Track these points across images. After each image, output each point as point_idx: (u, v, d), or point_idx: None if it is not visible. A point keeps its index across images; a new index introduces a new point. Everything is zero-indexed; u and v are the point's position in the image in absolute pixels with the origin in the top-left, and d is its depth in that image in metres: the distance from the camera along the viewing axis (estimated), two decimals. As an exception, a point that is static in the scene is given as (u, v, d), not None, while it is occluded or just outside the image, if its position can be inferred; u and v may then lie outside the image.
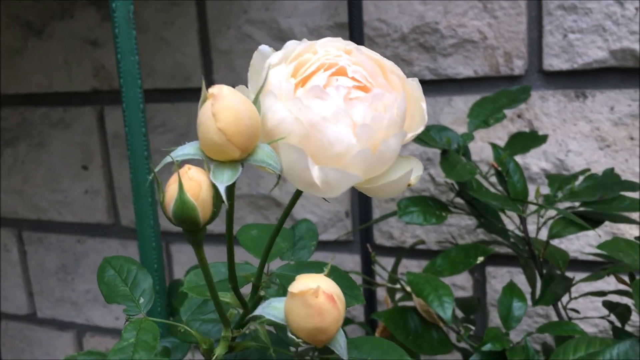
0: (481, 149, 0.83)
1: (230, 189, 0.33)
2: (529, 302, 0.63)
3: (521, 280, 0.79)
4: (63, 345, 1.19)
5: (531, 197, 0.69)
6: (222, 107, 0.32)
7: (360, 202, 0.84)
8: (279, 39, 0.90)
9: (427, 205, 0.60)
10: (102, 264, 0.42)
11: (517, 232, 0.68)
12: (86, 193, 1.09)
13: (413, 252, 0.88)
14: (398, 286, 0.61)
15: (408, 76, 0.37)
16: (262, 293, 0.38)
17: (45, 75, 1.07)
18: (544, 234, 0.68)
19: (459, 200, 0.67)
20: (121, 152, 1.06)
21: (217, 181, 0.32)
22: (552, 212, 0.65)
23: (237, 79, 0.94)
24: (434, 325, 0.61)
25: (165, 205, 0.34)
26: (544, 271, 0.66)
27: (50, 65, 1.07)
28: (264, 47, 0.37)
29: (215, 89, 0.32)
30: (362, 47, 0.36)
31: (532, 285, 0.69)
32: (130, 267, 0.43)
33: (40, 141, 1.11)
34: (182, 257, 1.07)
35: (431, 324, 0.61)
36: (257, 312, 0.36)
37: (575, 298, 0.67)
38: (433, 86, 0.85)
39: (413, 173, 0.35)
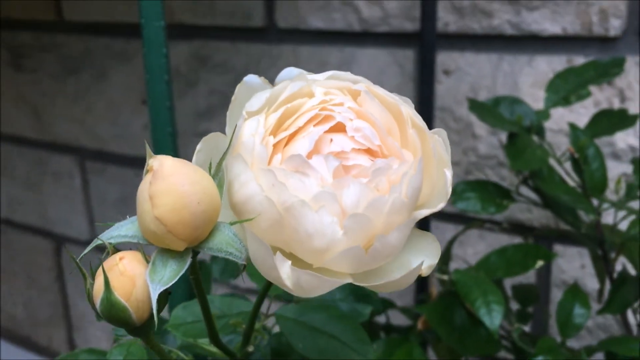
0: (561, 116, 0.74)
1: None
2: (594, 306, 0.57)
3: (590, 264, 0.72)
4: (121, 273, 1.21)
5: (612, 183, 0.61)
6: (161, 190, 0.25)
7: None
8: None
9: (486, 192, 0.54)
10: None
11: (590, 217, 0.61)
12: (145, 128, 1.07)
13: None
14: (446, 277, 0.56)
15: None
16: (250, 349, 0.32)
17: (108, 4, 1.04)
18: (624, 224, 0.60)
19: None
20: (180, 88, 1.02)
21: (154, 280, 0.26)
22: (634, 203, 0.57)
23: (300, 22, 0.88)
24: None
25: (92, 298, 0.27)
26: (617, 270, 0.59)
27: (112, -6, 1.03)
28: (251, 79, 0.28)
29: (156, 162, 0.25)
30: (375, 89, 0.28)
31: (601, 281, 0.62)
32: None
33: (102, 72, 1.09)
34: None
35: (479, 320, 0.56)
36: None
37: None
38: (514, 43, 0.75)
39: (425, 261, 0.27)
